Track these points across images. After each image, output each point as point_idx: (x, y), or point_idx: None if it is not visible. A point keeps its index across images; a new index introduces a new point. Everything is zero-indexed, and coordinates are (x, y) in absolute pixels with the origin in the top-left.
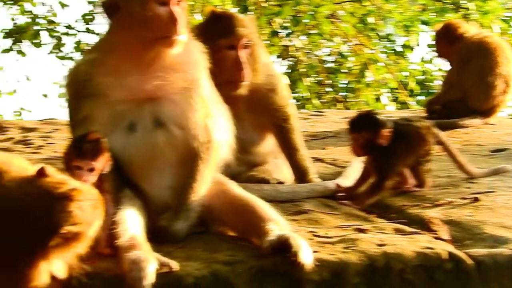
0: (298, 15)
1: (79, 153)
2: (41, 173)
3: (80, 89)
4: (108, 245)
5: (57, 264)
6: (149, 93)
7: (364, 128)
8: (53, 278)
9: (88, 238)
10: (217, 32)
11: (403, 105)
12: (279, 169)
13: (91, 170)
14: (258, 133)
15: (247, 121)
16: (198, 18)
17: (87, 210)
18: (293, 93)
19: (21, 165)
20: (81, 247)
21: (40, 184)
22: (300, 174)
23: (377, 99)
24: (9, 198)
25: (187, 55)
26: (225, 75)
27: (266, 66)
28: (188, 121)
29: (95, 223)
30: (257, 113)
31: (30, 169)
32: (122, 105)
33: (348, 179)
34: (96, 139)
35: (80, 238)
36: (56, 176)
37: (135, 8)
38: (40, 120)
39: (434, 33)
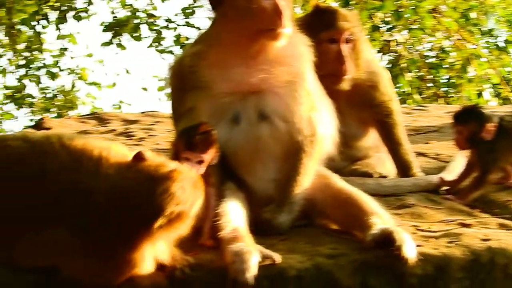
0: (399, 9)
1: (189, 145)
2: (139, 157)
3: (184, 81)
4: (211, 237)
5: (161, 249)
6: (253, 86)
7: (469, 121)
8: (158, 265)
9: (190, 218)
10: (320, 25)
11: (506, 100)
12: (382, 163)
13: (200, 162)
14: (360, 128)
15: (350, 116)
16: (298, 12)
17: (188, 189)
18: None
19: (120, 151)
20: (184, 228)
21: (139, 168)
22: (403, 169)
23: (479, 95)
24: (110, 184)
25: (292, 48)
26: (327, 69)
27: (369, 62)
28: (293, 115)
29: (196, 202)
30: (359, 108)
31: (129, 155)
32: (227, 98)
33: (452, 173)
34: (207, 131)
35: (183, 218)
36: (154, 159)
37: (240, 0)
38: (142, 113)
39: None
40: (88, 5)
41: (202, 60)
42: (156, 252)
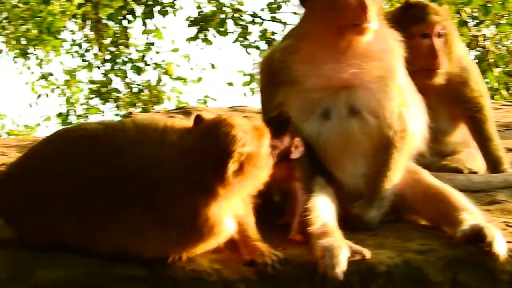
0: (487, 4)
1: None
2: (198, 119)
3: (274, 76)
4: (300, 232)
5: (238, 206)
6: (344, 81)
7: None
8: (248, 260)
9: (262, 166)
10: (411, 19)
11: None
12: (472, 159)
13: (274, 147)
14: (450, 123)
15: (440, 111)
16: (386, 7)
17: (249, 132)
18: None
19: (182, 122)
20: (259, 177)
21: (200, 127)
22: (493, 164)
23: None
24: (176, 148)
25: (383, 42)
26: (419, 63)
27: (460, 57)
28: (383, 110)
29: (263, 147)
30: (449, 104)
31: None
32: (317, 93)
33: None
34: (282, 119)
35: (253, 161)
36: (210, 116)
37: None
38: (229, 107)
39: None
40: (174, 0)
41: (292, 55)
42: (233, 209)
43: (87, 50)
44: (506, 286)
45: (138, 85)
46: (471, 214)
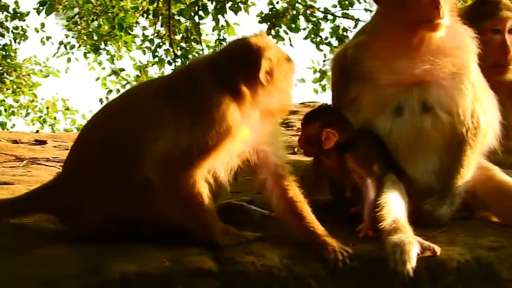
0: None
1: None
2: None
3: (347, 72)
4: (371, 228)
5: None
6: (417, 77)
7: None
8: (320, 257)
9: (289, 79)
10: (483, 15)
11: None
12: None
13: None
14: None
15: (511, 107)
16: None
17: (273, 45)
18: None
19: None
20: (284, 93)
21: (231, 42)
22: None
23: None
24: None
25: (457, 39)
26: (490, 59)
27: None
28: (456, 106)
29: (291, 66)
30: None
31: None
32: (390, 89)
33: None
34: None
35: (283, 71)
36: None
37: None
38: (301, 103)
39: None
40: None
41: (365, 52)
42: (254, 126)
43: (158, 46)
44: None
45: None
46: None
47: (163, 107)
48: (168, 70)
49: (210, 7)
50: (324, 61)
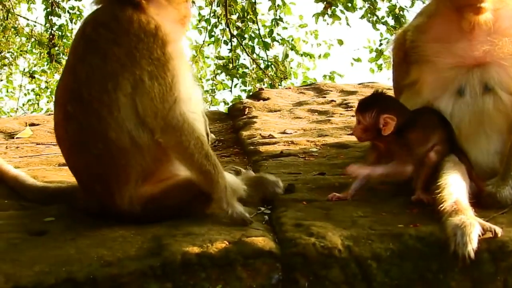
0: None
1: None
2: None
3: (407, 55)
4: (425, 191)
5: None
6: (477, 59)
7: None
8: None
9: None
10: None
11: None
12: None
13: (359, 123)
14: None
15: None
16: None
17: None
18: None
19: None
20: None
21: None
22: None
23: None
24: None
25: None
26: None
27: None
28: None
29: None
30: None
31: None
32: (450, 71)
33: None
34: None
35: None
36: None
37: None
38: (359, 84)
39: None
40: None
41: (423, 34)
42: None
43: (215, 26)
44: None
45: (265, 61)
46: None
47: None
48: (224, 50)
49: None
50: (380, 40)
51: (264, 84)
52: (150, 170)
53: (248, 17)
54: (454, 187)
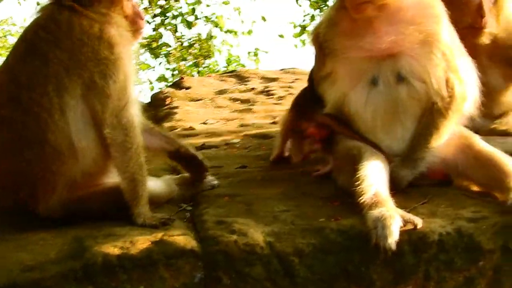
0: None
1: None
2: None
3: (321, 48)
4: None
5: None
6: (386, 50)
7: None
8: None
9: None
10: None
11: None
12: None
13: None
14: (501, 82)
15: (491, 69)
16: None
17: None
18: None
19: None
20: None
21: None
22: None
23: None
24: None
25: (421, 8)
26: (466, 20)
27: (509, 22)
28: (429, 76)
29: None
30: (500, 65)
31: None
32: (362, 63)
33: None
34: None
35: None
36: None
37: None
38: (281, 70)
39: None
40: None
41: (333, 29)
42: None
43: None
44: None
45: (189, 39)
46: None
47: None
48: (147, 29)
49: None
50: (304, 16)
51: (187, 62)
52: (81, 177)
53: None
54: (373, 179)
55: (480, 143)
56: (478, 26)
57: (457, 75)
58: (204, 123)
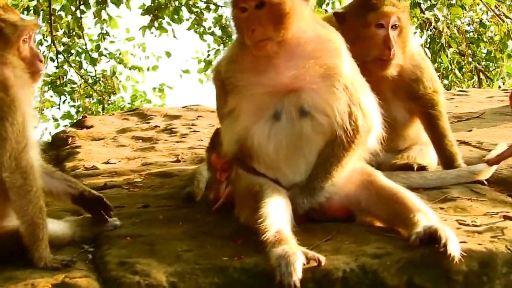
0: None
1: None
2: None
3: (224, 85)
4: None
5: None
6: (288, 85)
7: None
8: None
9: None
10: (368, 8)
11: None
12: (423, 154)
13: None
14: (405, 116)
15: (394, 103)
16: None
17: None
18: (433, 63)
19: None
20: None
21: None
22: (447, 160)
23: None
24: None
25: (320, 42)
26: (373, 53)
27: (413, 55)
28: (332, 109)
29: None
30: (403, 99)
31: None
32: (265, 98)
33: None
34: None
35: None
36: None
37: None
38: (184, 107)
39: None
40: None
41: (235, 64)
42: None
43: (40, 43)
44: (460, 286)
45: (93, 76)
46: (425, 215)
47: None
48: (50, 66)
49: (92, 1)
50: (208, 51)
51: (93, 99)
52: None
53: (74, 32)
54: (276, 216)
55: (383, 179)
56: (386, 58)
57: (360, 108)
58: (107, 163)
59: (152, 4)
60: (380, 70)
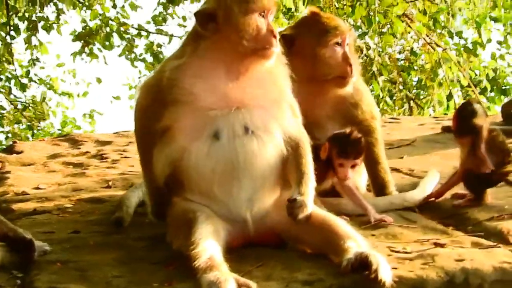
0: (370, 15)
1: (343, 152)
2: None
3: (162, 96)
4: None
5: None
6: (242, 101)
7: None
8: None
9: None
10: (323, 28)
11: None
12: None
13: (353, 166)
14: None
15: (332, 127)
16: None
17: None
18: None
19: None
20: None
21: None
22: (380, 187)
23: (449, 98)
24: None
25: (275, 66)
26: (335, 72)
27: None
28: (276, 130)
29: None
30: (341, 123)
31: None
32: (209, 112)
33: (424, 190)
34: (359, 139)
35: None
36: None
37: (236, 19)
38: (115, 133)
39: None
40: (59, 15)
41: (185, 71)
42: None
43: None
44: None
45: (23, 102)
46: (356, 242)
47: None
48: None
49: (22, 26)
50: (139, 77)
51: (22, 125)
52: None
53: (4, 58)
54: (208, 243)
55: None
56: (346, 75)
57: (303, 130)
58: (37, 188)
59: (83, 30)
60: (339, 88)
